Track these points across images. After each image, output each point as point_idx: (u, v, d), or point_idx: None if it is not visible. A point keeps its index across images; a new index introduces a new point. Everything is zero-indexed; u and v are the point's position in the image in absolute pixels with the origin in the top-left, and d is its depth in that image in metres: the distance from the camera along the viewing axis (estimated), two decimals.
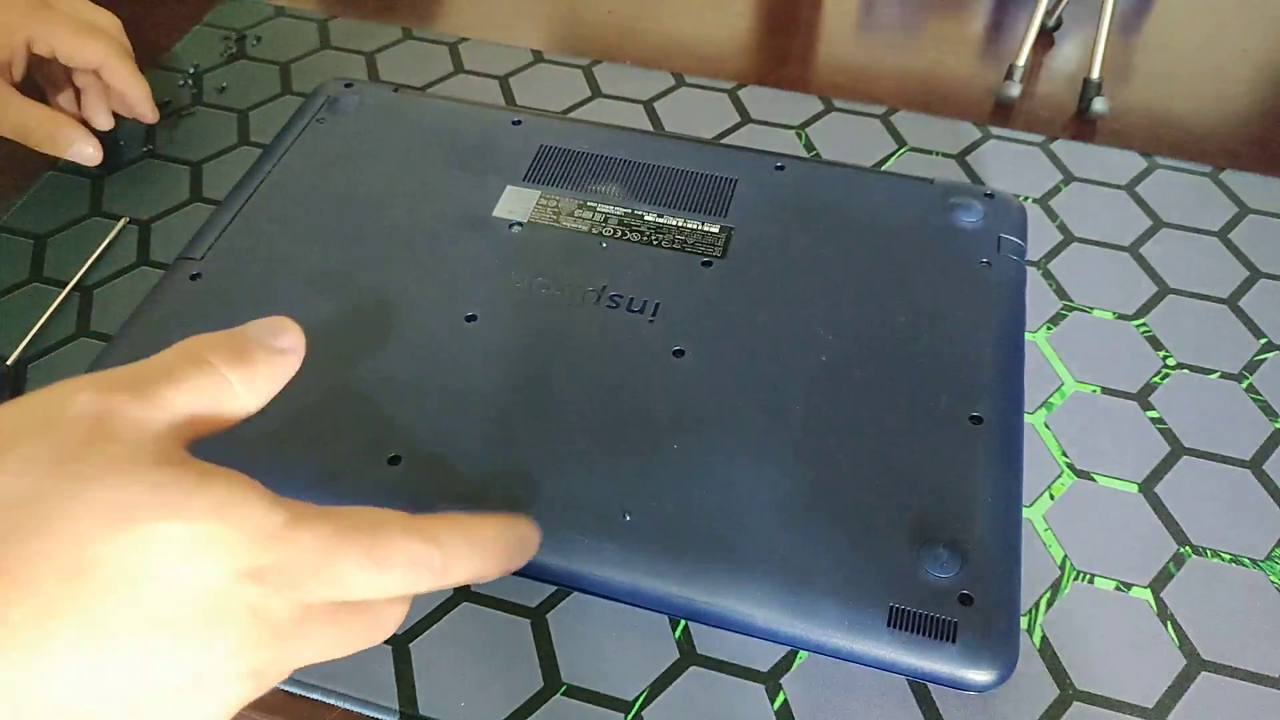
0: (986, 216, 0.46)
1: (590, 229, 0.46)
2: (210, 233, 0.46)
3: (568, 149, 0.49)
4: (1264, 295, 0.48)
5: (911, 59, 0.61)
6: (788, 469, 0.37)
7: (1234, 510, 0.40)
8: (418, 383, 0.40)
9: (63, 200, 0.52)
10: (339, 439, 0.38)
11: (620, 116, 0.56)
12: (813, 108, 0.57)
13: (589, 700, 0.35)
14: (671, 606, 0.35)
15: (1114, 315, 0.47)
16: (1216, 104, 0.58)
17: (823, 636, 0.34)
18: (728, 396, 0.39)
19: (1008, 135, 0.55)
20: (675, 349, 0.41)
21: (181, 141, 0.55)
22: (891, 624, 0.34)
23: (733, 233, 0.46)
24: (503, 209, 0.47)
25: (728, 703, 0.35)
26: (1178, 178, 0.53)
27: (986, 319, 0.42)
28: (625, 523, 0.36)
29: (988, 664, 0.33)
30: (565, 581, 0.36)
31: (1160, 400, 0.44)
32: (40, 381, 0.44)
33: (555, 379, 0.40)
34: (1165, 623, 0.37)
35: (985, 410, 0.39)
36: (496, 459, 0.38)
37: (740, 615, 0.35)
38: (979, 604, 0.34)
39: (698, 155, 0.49)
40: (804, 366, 0.40)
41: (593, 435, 0.38)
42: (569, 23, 0.64)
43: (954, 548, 0.35)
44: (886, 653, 0.34)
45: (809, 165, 0.49)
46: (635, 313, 0.42)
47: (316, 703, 0.35)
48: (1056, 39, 0.63)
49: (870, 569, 0.35)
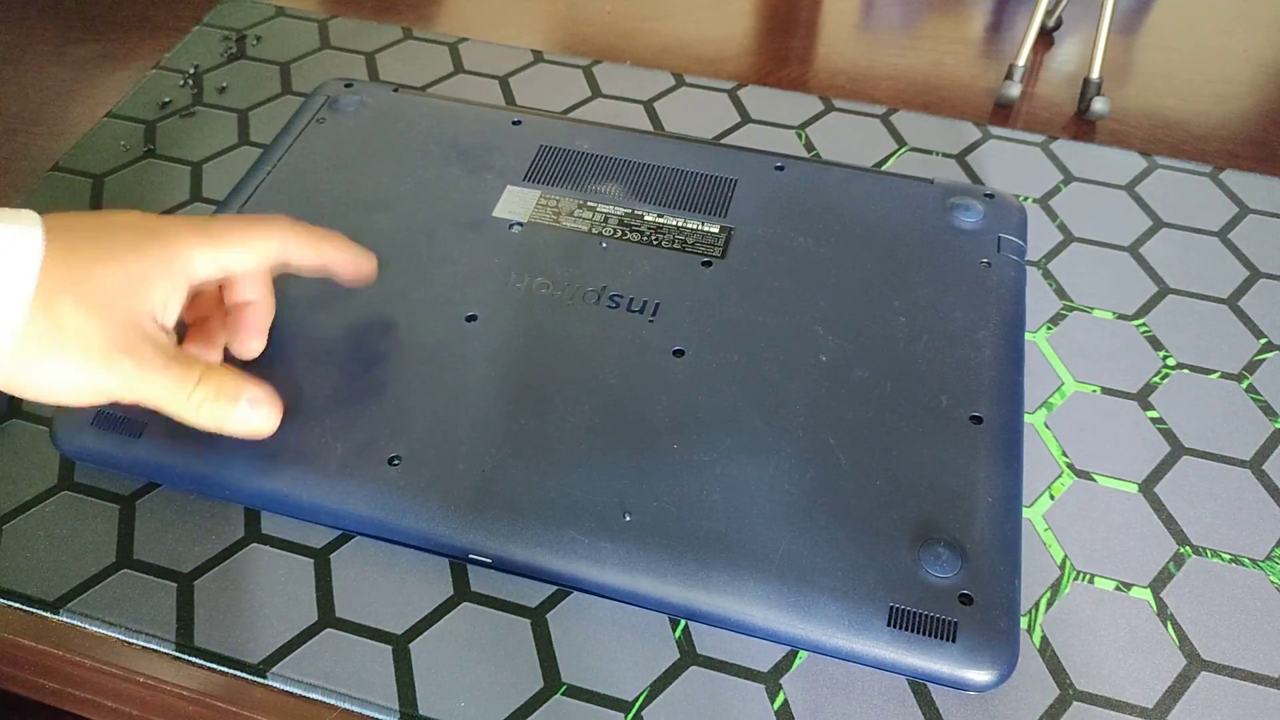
0: (986, 217, 0.46)
1: (590, 229, 0.46)
2: None
3: (568, 149, 0.49)
4: (1264, 295, 0.48)
5: (911, 59, 0.61)
6: (788, 469, 0.37)
7: (1234, 510, 0.40)
8: (418, 383, 0.40)
9: (63, 200, 0.52)
10: (339, 439, 0.38)
11: (620, 116, 0.56)
12: (813, 108, 0.57)
13: (589, 700, 0.35)
14: (671, 607, 0.35)
15: (1114, 315, 0.47)
16: (1216, 104, 0.58)
17: (823, 636, 0.34)
18: (727, 397, 0.39)
19: (1008, 135, 0.55)
20: (675, 349, 0.41)
21: (181, 141, 0.55)
22: (892, 624, 0.34)
23: (733, 233, 0.46)
24: (503, 209, 0.47)
25: (728, 703, 0.35)
26: (1178, 178, 0.53)
27: (986, 319, 0.42)
28: (625, 523, 0.36)
29: (988, 664, 0.33)
30: (565, 582, 0.36)
31: (1160, 400, 0.44)
32: None
33: (555, 379, 0.40)
34: (1165, 623, 0.37)
35: (985, 410, 0.39)
36: (497, 460, 0.38)
37: (740, 615, 0.35)
38: (979, 604, 0.34)
39: (698, 155, 0.49)
40: (804, 367, 0.40)
41: (593, 436, 0.38)
42: (569, 23, 0.64)
43: (954, 547, 0.35)
44: (886, 653, 0.34)
45: (809, 165, 0.49)
46: (635, 313, 0.42)
47: (316, 703, 0.35)
48: (1056, 39, 0.63)
49: (870, 569, 0.35)
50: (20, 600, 0.38)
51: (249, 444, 0.37)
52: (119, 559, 0.39)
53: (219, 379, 0.35)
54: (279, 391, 0.37)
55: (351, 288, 0.41)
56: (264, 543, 0.39)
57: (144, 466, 0.39)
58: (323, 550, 0.39)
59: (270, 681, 0.36)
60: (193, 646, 0.36)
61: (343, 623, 0.37)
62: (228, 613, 0.37)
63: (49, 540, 0.39)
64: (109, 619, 0.37)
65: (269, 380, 0.37)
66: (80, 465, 0.41)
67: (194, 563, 0.38)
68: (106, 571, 0.38)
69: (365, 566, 0.38)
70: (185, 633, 0.37)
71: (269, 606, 0.37)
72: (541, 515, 0.36)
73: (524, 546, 0.36)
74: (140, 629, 0.37)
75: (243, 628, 0.37)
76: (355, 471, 0.37)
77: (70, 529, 0.39)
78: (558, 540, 0.36)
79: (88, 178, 0.53)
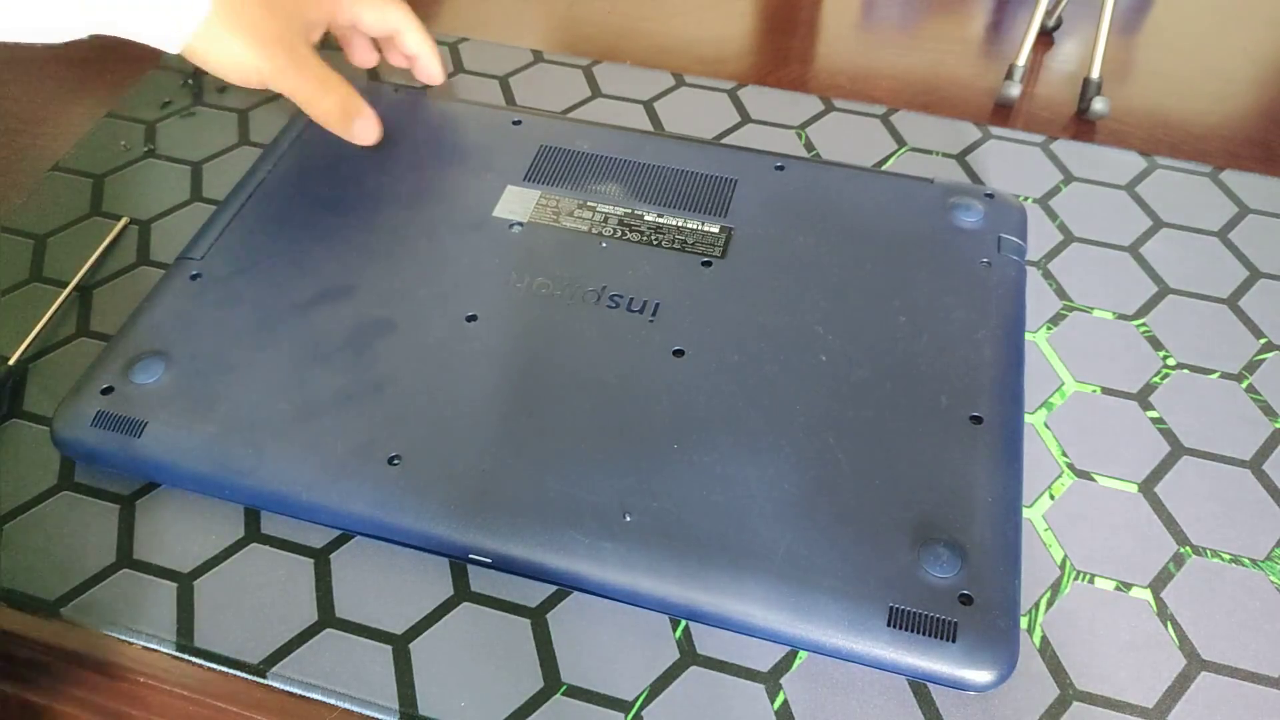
0: (987, 217, 0.46)
1: (590, 229, 0.46)
2: (210, 233, 0.46)
3: (568, 149, 0.49)
4: (1264, 295, 0.48)
5: (911, 59, 0.61)
6: (788, 469, 0.37)
7: (1234, 510, 0.40)
8: (418, 383, 0.40)
9: (63, 200, 0.52)
10: (339, 439, 0.38)
11: (620, 116, 0.56)
12: (813, 108, 0.57)
13: (589, 700, 0.35)
14: (673, 607, 0.35)
15: (1114, 315, 0.47)
16: (1216, 104, 0.58)
17: (823, 636, 0.34)
18: (728, 397, 0.39)
19: (1008, 135, 0.55)
20: (675, 349, 0.41)
21: (181, 141, 0.55)
22: (892, 624, 0.34)
23: (733, 233, 0.46)
24: (503, 209, 0.47)
25: (728, 703, 0.35)
26: (1178, 178, 0.53)
27: (987, 319, 0.42)
28: (626, 523, 0.36)
29: (988, 664, 0.33)
30: (566, 582, 0.36)
31: (1160, 400, 0.44)
32: (41, 381, 0.44)
33: (555, 379, 0.40)
34: (1165, 623, 0.37)
35: (985, 410, 0.39)
36: (497, 460, 0.38)
37: (741, 615, 0.35)
38: (979, 604, 0.34)
39: (698, 155, 0.49)
40: (804, 367, 0.40)
41: (593, 436, 0.38)
42: (569, 23, 0.64)
43: (954, 548, 0.35)
44: (886, 653, 0.34)
45: (809, 165, 0.49)
46: (635, 313, 0.42)
47: (316, 703, 0.35)
48: (1056, 39, 0.63)
49: (870, 569, 0.35)
50: (20, 600, 0.38)
51: (249, 444, 0.38)
52: (119, 559, 0.39)
53: (345, 95, 0.46)
54: (279, 392, 0.39)
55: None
56: (264, 543, 0.39)
57: (144, 466, 0.39)
58: (323, 550, 0.39)
59: (270, 681, 0.36)
60: (193, 647, 0.36)
61: (343, 623, 0.37)
62: (228, 613, 0.37)
63: (49, 540, 0.39)
64: (109, 619, 0.37)
65: (271, 379, 0.39)
66: (80, 465, 0.41)
67: (194, 563, 0.38)
68: (106, 571, 0.38)
69: (365, 566, 0.38)
70: (185, 633, 0.37)
71: (269, 606, 0.37)
72: (542, 515, 0.36)
73: (524, 546, 0.36)
74: (140, 629, 0.37)
75: (243, 628, 0.37)
76: (355, 471, 0.37)
77: (70, 529, 0.39)
78: (558, 540, 0.36)
79: (88, 178, 0.53)
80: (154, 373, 0.40)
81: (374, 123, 0.48)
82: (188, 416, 0.39)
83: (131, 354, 0.41)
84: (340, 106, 0.46)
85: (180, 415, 0.39)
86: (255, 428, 0.39)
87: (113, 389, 0.40)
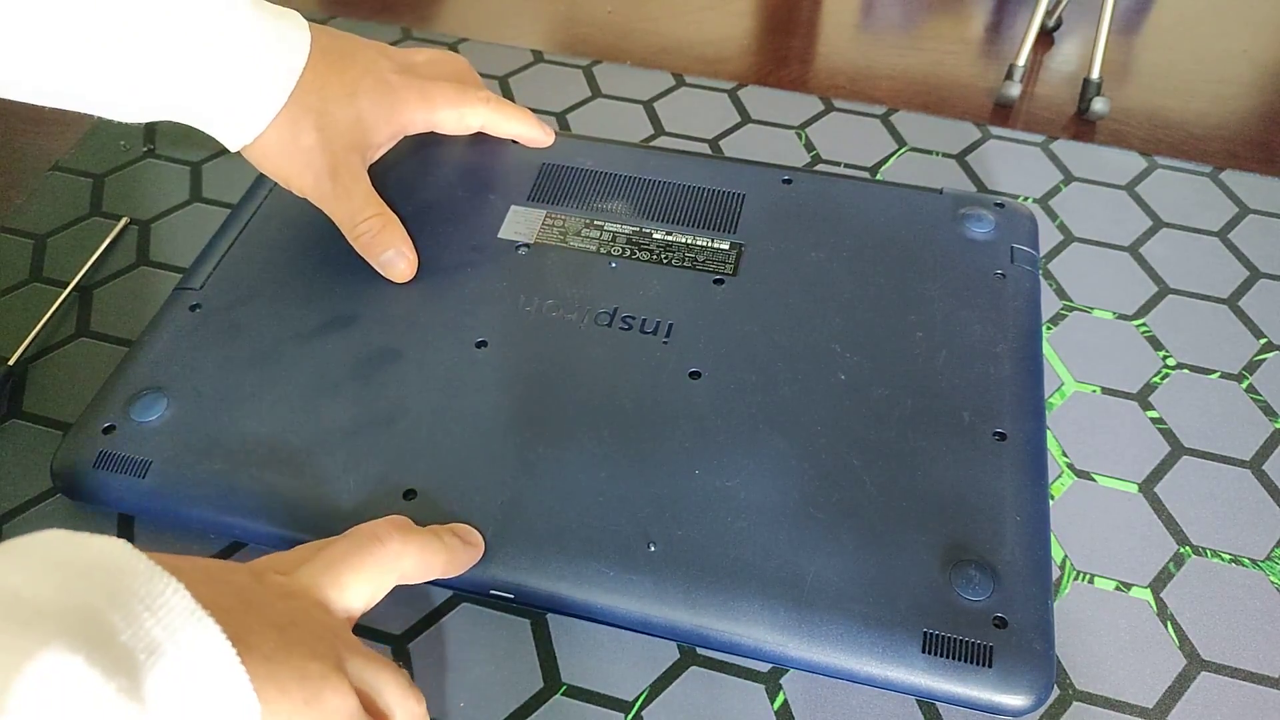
0: (998, 227, 0.45)
1: (599, 249, 0.45)
2: (208, 261, 0.45)
3: (570, 166, 0.48)
4: (1264, 295, 0.48)
5: (911, 59, 0.61)
6: (812, 492, 0.36)
7: (1234, 510, 0.40)
8: (430, 414, 0.39)
9: (63, 200, 0.52)
10: (353, 474, 0.37)
11: (620, 117, 0.56)
12: (813, 108, 0.57)
13: (589, 700, 0.35)
14: (707, 639, 0.35)
15: (1114, 315, 0.47)
16: (1216, 104, 0.58)
17: (857, 665, 0.33)
18: (747, 419, 0.38)
19: (1008, 135, 0.55)
20: (691, 370, 0.40)
21: (181, 142, 0.55)
22: (926, 649, 0.33)
23: (743, 249, 0.44)
24: (508, 230, 0.45)
25: (728, 703, 0.35)
26: (1178, 178, 0.53)
27: (1005, 333, 0.41)
28: (650, 553, 0.35)
29: (1025, 689, 0.32)
30: (593, 615, 0.35)
31: (1160, 400, 0.44)
32: (41, 381, 0.44)
33: (571, 405, 0.39)
34: (1165, 623, 0.37)
35: (1009, 426, 0.38)
36: (513, 491, 0.37)
37: (775, 647, 0.34)
38: (1013, 626, 0.33)
39: (702, 169, 0.48)
40: (823, 386, 0.39)
41: (612, 464, 0.37)
42: (569, 23, 0.64)
43: (985, 569, 0.34)
44: (922, 679, 0.33)
45: (816, 178, 0.48)
46: (648, 334, 0.41)
47: None
48: (1056, 39, 0.63)
49: (901, 593, 0.34)
50: None
51: (254, 486, 0.37)
52: None
53: (384, 225, 0.43)
54: (286, 427, 0.38)
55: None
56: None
57: (151, 508, 0.38)
58: None
59: None
60: None
61: None
62: None
63: None
64: None
65: (278, 414, 0.39)
66: (84, 507, 0.40)
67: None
68: None
69: None
70: None
71: None
72: (564, 547, 0.35)
73: (548, 580, 0.35)
74: None
75: None
76: (370, 508, 0.36)
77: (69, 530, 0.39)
78: (583, 573, 0.35)
79: (88, 178, 0.53)
80: (156, 409, 0.39)
81: (406, 260, 0.43)
82: (193, 455, 0.38)
83: (130, 388, 0.40)
84: (376, 233, 0.43)
85: (185, 453, 0.38)
86: (263, 465, 0.38)
87: (114, 427, 0.39)
